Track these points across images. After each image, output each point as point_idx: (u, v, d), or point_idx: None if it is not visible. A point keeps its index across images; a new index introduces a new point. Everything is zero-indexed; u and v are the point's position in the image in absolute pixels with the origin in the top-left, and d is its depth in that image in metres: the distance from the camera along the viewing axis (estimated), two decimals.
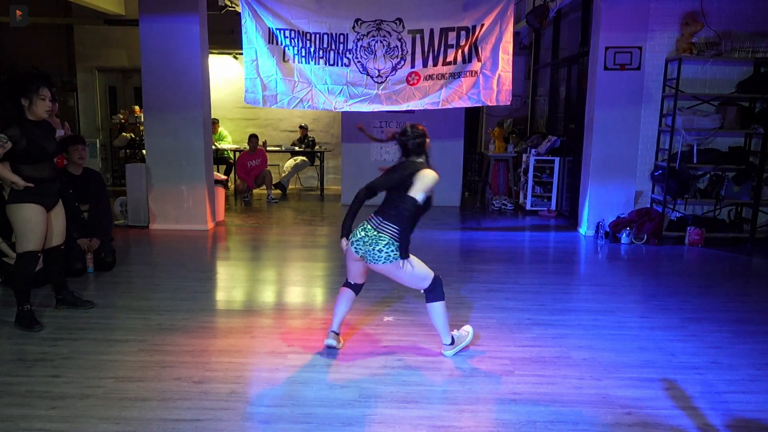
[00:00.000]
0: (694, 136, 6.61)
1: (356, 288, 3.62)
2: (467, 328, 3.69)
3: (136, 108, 10.20)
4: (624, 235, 6.65)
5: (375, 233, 3.32)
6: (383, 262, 3.30)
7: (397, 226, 3.29)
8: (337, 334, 3.62)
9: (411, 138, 3.45)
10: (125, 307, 4.37)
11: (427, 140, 3.51)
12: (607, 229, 6.77)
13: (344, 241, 3.44)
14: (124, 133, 10.23)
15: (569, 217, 7.94)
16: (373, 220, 3.38)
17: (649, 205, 7.03)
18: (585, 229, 7.11)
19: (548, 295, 4.78)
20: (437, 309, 3.47)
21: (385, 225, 3.31)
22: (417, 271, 3.37)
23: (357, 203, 3.41)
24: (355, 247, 3.37)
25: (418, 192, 3.27)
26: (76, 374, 3.24)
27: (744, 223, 6.96)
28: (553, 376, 3.29)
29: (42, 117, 3.82)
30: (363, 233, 3.35)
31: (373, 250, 3.30)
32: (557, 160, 8.41)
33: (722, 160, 6.69)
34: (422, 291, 3.48)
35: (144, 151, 7.38)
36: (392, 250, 3.28)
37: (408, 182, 3.31)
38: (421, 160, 3.46)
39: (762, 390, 3.18)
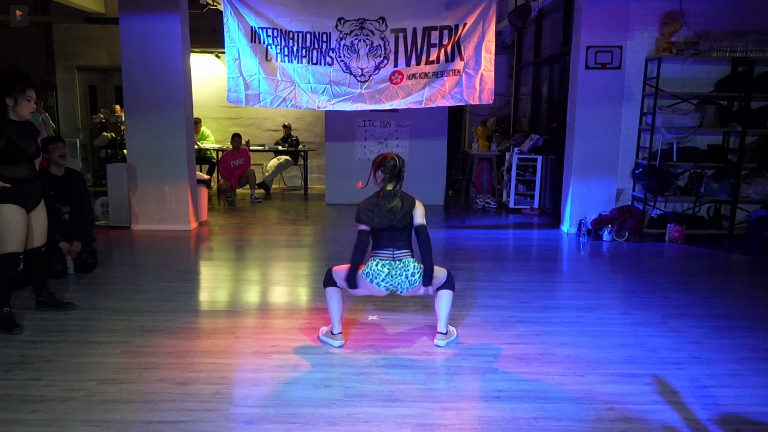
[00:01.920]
0: (673, 134, 6.69)
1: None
2: (453, 329, 3.81)
3: (117, 107, 10.09)
4: (606, 232, 6.71)
5: (398, 263, 3.44)
6: (419, 282, 3.45)
7: (411, 250, 3.51)
8: (341, 332, 3.67)
9: (400, 168, 3.51)
10: (107, 308, 4.32)
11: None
12: (589, 227, 6.83)
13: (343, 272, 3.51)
14: (105, 133, 10.11)
15: (552, 215, 8.01)
16: (384, 254, 3.46)
17: (630, 203, 7.11)
18: (567, 226, 7.17)
19: (532, 292, 4.81)
20: (447, 296, 3.60)
21: (402, 252, 3.46)
22: (438, 275, 3.55)
23: (362, 248, 3.45)
24: (385, 286, 3.44)
25: (423, 220, 3.49)
26: (57, 377, 3.20)
27: (723, 220, 7.07)
28: (537, 373, 3.32)
29: (26, 118, 3.80)
30: (385, 269, 3.42)
31: (406, 278, 3.42)
32: (540, 158, 8.47)
33: (701, 158, 6.79)
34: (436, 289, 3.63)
35: (125, 151, 7.31)
36: (419, 267, 3.46)
37: (409, 216, 3.47)
38: (399, 186, 3.52)
39: (741, 384, 3.23)
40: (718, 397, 3.08)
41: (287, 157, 10.32)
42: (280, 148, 10.26)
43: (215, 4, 7.07)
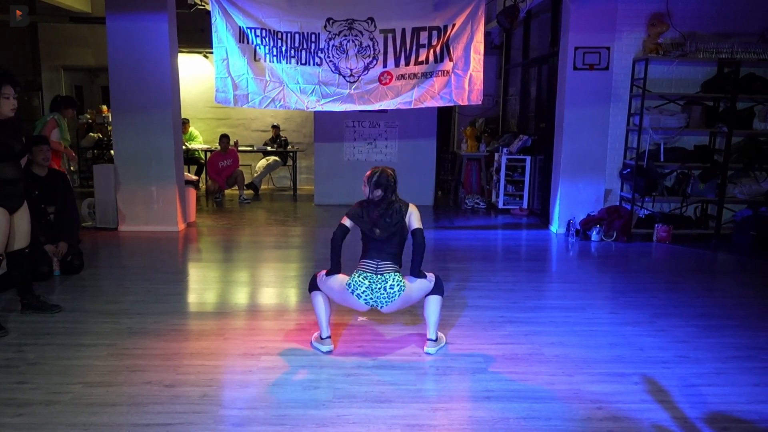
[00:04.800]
0: (661, 134, 6.74)
1: None
2: (442, 335, 3.76)
3: (104, 108, 10.01)
4: (594, 232, 6.75)
5: (378, 277, 3.41)
6: (398, 296, 3.40)
7: (399, 263, 3.49)
8: (329, 337, 3.63)
9: (393, 182, 3.51)
10: (93, 310, 4.28)
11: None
12: (578, 227, 6.86)
13: (326, 277, 3.52)
14: (92, 134, 10.04)
15: (541, 216, 8.04)
16: (368, 265, 3.45)
17: (618, 203, 7.15)
18: (556, 227, 7.20)
19: (521, 292, 4.83)
20: (436, 302, 3.56)
21: (386, 265, 3.44)
22: (420, 285, 3.51)
23: (337, 241, 3.46)
24: (364, 300, 3.41)
25: (419, 224, 3.48)
26: (43, 380, 3.16)
27: (709, 220, 7.13)
28: (526, 373, 3.33)
29: (7, 116, 3.75)
30: (366, 281, 3.40)
31: (384, 290, 3.38)
32: (528, 159, 8.50)
33: (688, 158, 6.85)
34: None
35: (112, 152, 7.25)
36: (401, 280, 3.43)
37: (403, 221, 3.47)
38: (389, 195, 3.51)
39: (727, 382, 3.26)
40: (705, 395, 3.10)
41: (276, 158, 10.28)
42: (268, 148, 10.22)
43: (203, 3, 7.02)
